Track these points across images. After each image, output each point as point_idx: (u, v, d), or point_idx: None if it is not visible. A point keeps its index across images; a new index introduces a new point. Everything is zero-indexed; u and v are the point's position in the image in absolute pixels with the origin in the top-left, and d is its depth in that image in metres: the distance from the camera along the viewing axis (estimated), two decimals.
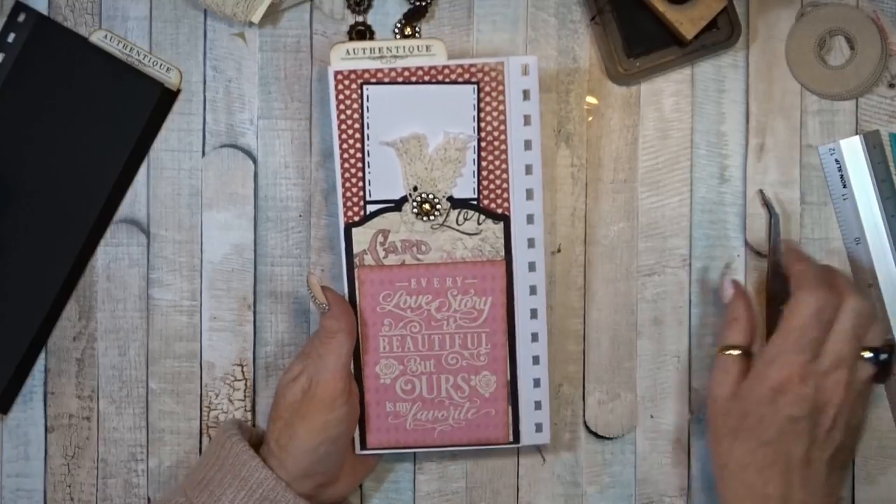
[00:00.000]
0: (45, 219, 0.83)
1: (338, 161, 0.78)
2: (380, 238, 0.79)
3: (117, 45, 0.84)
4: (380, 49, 0.77)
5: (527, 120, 0.78)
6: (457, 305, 0.80)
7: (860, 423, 0.78)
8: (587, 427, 0.85)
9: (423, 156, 0.78)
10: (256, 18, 0.82)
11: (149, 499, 0.85)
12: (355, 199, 0.78)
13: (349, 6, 0.84)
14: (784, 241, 0.82)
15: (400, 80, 0.77)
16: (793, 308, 0.75)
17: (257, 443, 0.81)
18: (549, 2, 0.84)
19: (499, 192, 0.79)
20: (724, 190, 0.85)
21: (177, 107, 0.85)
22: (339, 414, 0.77)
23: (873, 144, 0.84)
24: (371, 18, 0.84)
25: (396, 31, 0.84)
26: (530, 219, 0.79)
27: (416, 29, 0.84)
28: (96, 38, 0.84)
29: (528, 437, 0.81)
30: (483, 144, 0.78)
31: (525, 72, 0.78)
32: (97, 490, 0.85)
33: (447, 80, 0.77)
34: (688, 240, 0.85)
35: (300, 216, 0.85)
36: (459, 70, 0.77)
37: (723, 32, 0.83)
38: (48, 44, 0.83)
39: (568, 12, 0.84)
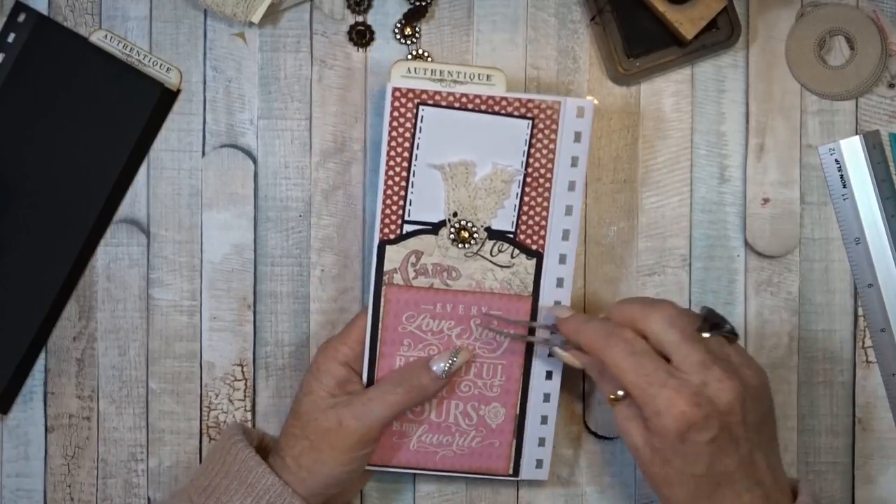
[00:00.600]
0: (45, 219, 0.83)
1: (382, 177, 0.77)
2: (412, 259, 0.78)
3: (117, 45, 0.84)
4: (440, 72, 0.77)
5: (574, 161, 0.78)
6: (477, 334, 0.80)
7: (759, 382, 0.73)
8: (587, 427, 0.85)
9: (469, 183, 0.77)
10: (256, 18, 0.82)
11: (149, 499, 0.85)
12: (393, 217, 0.78)
13: (349, 6, 0.84)
14: (557, 321, 0.77)
15: (456, 105, 0.77)
16: (615, 373, 0.72)
17: (261, 445, 0.81)
18: (549, 2, 0.84)
19: (536, 228, 0.79)
20: (724, 190, 0.85)
21: (177, 107, 0.85)
22: (369, 450, 0.78)
23: (873, 144, 0.84)
24: (371, 18, 0.84)
25: (396, 31, 0.84)
26: (563, 259, 0.79)
27: (416, 29, 0.84)
28: (96, 38, 0.84)
29: (527, 471, 0.82)
30: (528, 180, 0.78)
31: (580, 114, 0.77)
32: (97, 490, 0.85)
33: (503, 111, 0.77)
34: (688, 240, 0.85)
35: (300, 216, 0.85)
36: (517, 104, 0.77)
37: (723, 32, 0.83)
38: (48, 44, 0.83)
39: (568, 12, 0.84)
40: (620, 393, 0.72)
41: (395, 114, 0.77)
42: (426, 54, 0.84)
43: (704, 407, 0.69)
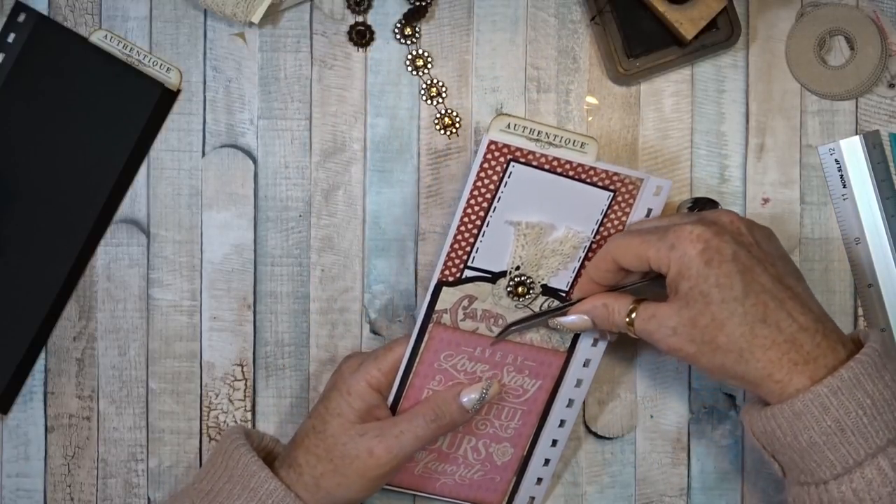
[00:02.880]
0: (45, 219, 0.83)
1: (456, 222, 0.77)
2: (465, 302, 0.79)
3: (117, 45, 0.84)
4: (538, 132, 0.77)
5: None
6: (507, 380, 0.80)
7: (761, 226, 0.74)
8: (587, 427, 0.85)
9: (540, 243, 0.77)
10: (256, 18, 0.82)
11: (149, 499, 0.85)
12: (457, 262, 0.78)
13: (349, 6, 0.84)
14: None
15: (546, 167, 0.77)
16: (625, 257, 0.74)
17: (262, 447, 0.81)
18: (549, 2, 0.84)
19: None
20: (724, 190, 0.85)
21: (177, 107, 0.85)
22: (392, 475, 0.78)
23: (873, 144, 0.84)
24: (371, 18, 0.84)
25: (396, 31, 0.84)
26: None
27: (416, 29, 0.84)
28: (96, 38, 0.84)
29: (525, 488, 0.83)
30: (593, 246, 0.78)
31: (657, 193, 0.78)
32: (97, 490, 0.85)
33: (588, 180, 0.77)
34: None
35: (300, 216, 0.85)
36: (603, 175, 0.77)
37: (723, 32, 0.83)
38: (48, 44, 0.83)
39: (568, 12, 0.84)
40: (632, 315, 0.74)
41: (486, 165, 0.76)
42: (426, 54, 0.84)
43: (711, 226, 0.71)
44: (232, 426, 0.84)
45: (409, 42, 0.84)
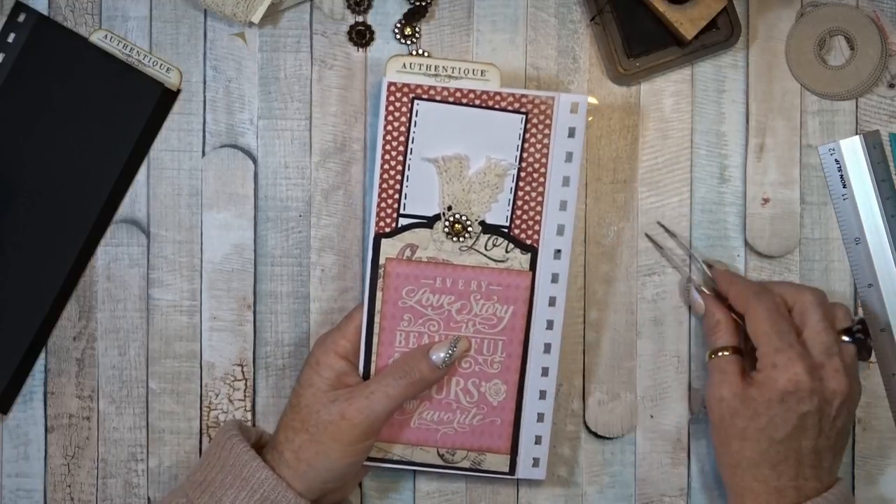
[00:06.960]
0: (45, 219, 0.83)
1: (377, 171, 0.78)
2: (407, 252, 0.79)
3: (117, 45, 0.84)
4: (436, 67, 0.78)
5: (568, 157, 0.79)
6: (478, 310, 0.80)
7: (857, 397, 0.79)
8: (587, 427, 0.85)
9: (463, 177, 0.78)
10: (256, 18, 0.82)
11: (149, 499, 0.85)
12: (389, 211, 0.78)
13: (349, 6, 0.84)
14: (713, 269, 0.83)
15: (451, 99, 0.77)
16: (751, 322, 0.78)
17: (258, 443, 0.81)
18: (549, 2, 0.84)
19: (531, 223, 0.79)
20: (724, 190, 0.85)
21: (177, 107, 0.85)
22: (371, 442, 0.78)
23: (873, 144, 0.84)
24: (371, 18, 0.84)
25: (396, 31, 0.84)
26: (557, 254, 0.80)
27: (416, 29, 0.84)
28: (96, 38, 0.84)
29: (524, 470, 0.82)
30: (522, 174, 0.79)
31: (574, 110, 0.78)
32: (97, 490, 0.85)
33: (497, 106, 0.78)
34: (688, 240, 0.85)
35: (300, 216, 0.85)
36: (511, 99, 0.78)
37: (723, 32, 0.83)
38: (48, 44, 0.83)
39: (568, 12, 0.85)
40: (728, 353, 0.79)
41: (391, 108, 0.78)
42: (426, 54, 0.84)
43: (815, 382, 0.76)
44: (227, 420, 0.84)
45: (409, 42, 0.84)
